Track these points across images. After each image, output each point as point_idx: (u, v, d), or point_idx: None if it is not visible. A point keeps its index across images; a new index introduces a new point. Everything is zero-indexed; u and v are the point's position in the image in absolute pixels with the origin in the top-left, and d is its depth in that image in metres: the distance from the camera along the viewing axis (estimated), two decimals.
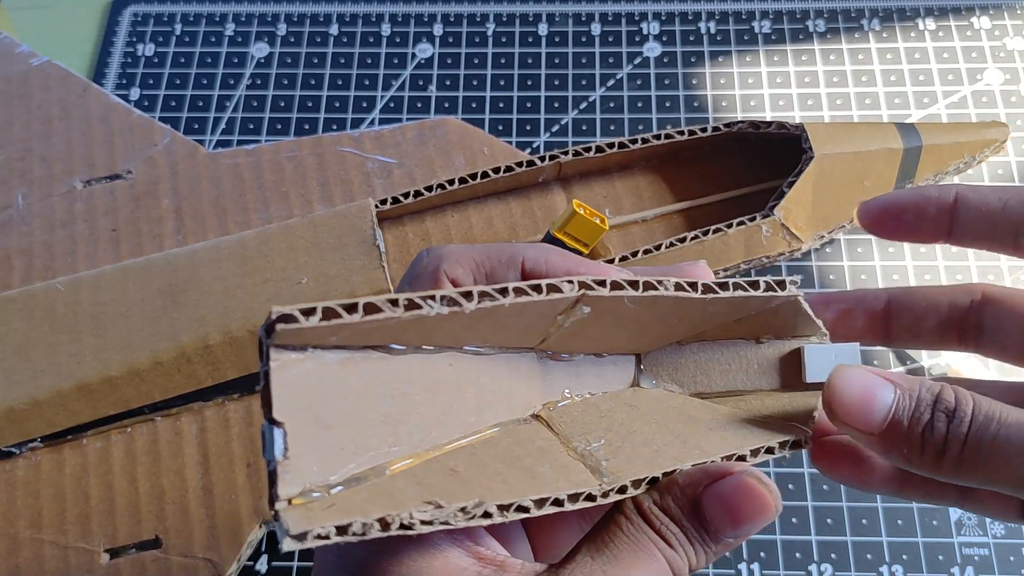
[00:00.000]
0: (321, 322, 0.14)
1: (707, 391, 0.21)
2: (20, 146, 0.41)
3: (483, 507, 0.15)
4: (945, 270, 0.38)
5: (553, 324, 0.18)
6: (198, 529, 0.32)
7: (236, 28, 0.46)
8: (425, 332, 0.16)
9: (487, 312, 0.16)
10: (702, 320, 0.20)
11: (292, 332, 0.14)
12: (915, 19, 0.45)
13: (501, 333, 0.18)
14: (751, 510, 0.17)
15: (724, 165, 0.38)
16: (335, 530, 0.14)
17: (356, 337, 0.16)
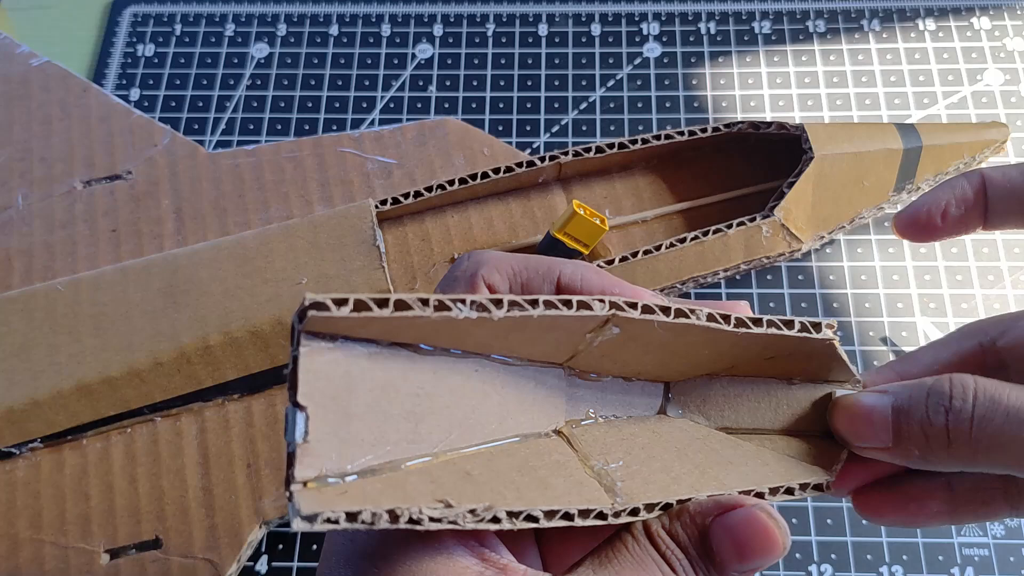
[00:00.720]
0: (352, 313, 0.15)
1: (734, 427, 0.21)
2: (20, 146, 0.41)
3: (493, 511, 0.15)
4: (945, 270, 0.38)
5: (582, 342, 0.18)
6: (198, 529, 0.32)
7: (236, 28, 0.46)
8: (455, 336, 0.17)
9: (516, 323, 0.16)
10: (733, 354, 0.20)
11: (323, 320, 0.15)
12: (915, 19, 0.45)
13: (530, 346, 0.18)
14: (758, 545, 0.16)
15: (724, 166, 0.38)
16: (345, 516, 0.14)
17: (386, 333, 0.16)
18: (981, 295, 0.38)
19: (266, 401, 0.34)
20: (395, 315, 0.15)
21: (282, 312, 0.33)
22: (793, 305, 0.38)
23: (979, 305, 0.38)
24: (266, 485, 0.33)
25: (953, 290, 0.38)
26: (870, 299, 0.38)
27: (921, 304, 0.38)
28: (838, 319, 0.38)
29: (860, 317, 0.38)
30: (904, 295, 0.38)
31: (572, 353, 0.19)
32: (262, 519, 0.33)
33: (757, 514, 0.17)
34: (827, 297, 0.38)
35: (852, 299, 0.38)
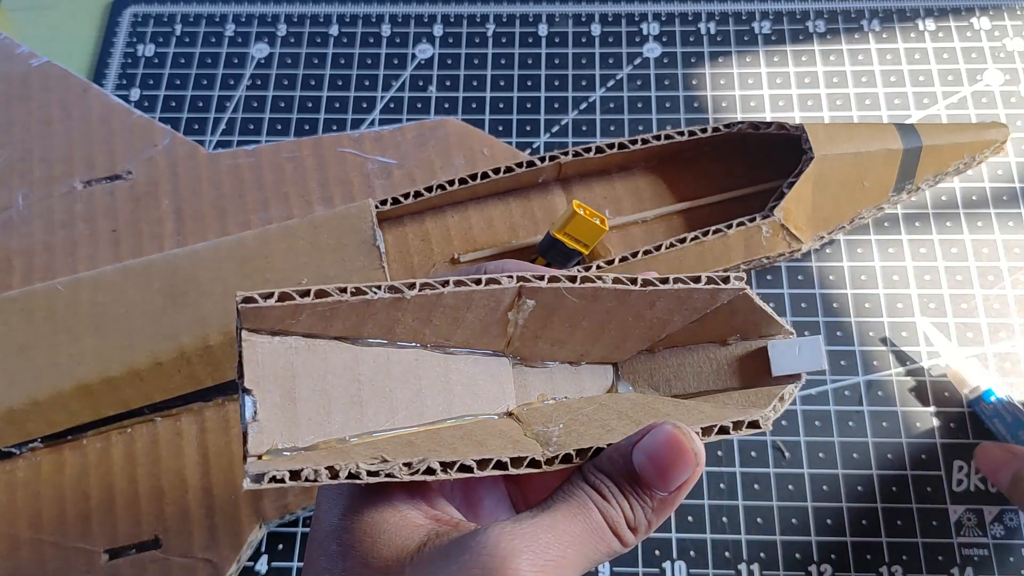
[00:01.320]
0: (277, 303, 0.16)
1: (682, 393, 0.22)
2: (20, 147, 0.41)
3: (427, 463, 0.16)
4: (945, 270, 0.38)
5: (508, 322, 0.19)
6: (198, 530, 0.32)
7: (236, 29, 0.46)
8: (383, 325, 0.18)
9: (432, 302, 0.18)
10: (661, 322, 0.21)
11: (255, 313, 0.17)
12: (915, 20, 0.45)
13: (460, 329, 0.19)
14: (673, 458, 0.17)
15: (724, 166, 0.38)
16: (289, 474, 0.16)
17: (320, 325, 0.17)
18: (981, 295, 0.38)
19: None
20: (317, 302, 0.17)
21: None
22: (793, 305, 0.38)
23: (979, 305, 0.38)
24: None
25: (953, 290, 0.38)
26: (870, 299, 0.38)
27: (921, 304, 0.38)
28: (838, 319, 0.38)
29: (860, 317, 0.38)
30: (904, 295, 0.38)
31: (506, 337, 0.20)
32: (262, 519, 0.33)
33: (668, 429, 0.18)
34: (827, 297, 0.38)
35: (852, 299, 0.38)
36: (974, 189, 0.40)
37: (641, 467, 0.17)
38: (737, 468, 0.35)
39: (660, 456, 0.17)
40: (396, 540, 0.17)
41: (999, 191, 0.40)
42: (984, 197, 0.40)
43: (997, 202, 0.40)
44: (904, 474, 0.35)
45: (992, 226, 0.39)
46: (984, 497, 0.34)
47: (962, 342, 0.37)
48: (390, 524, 0.18)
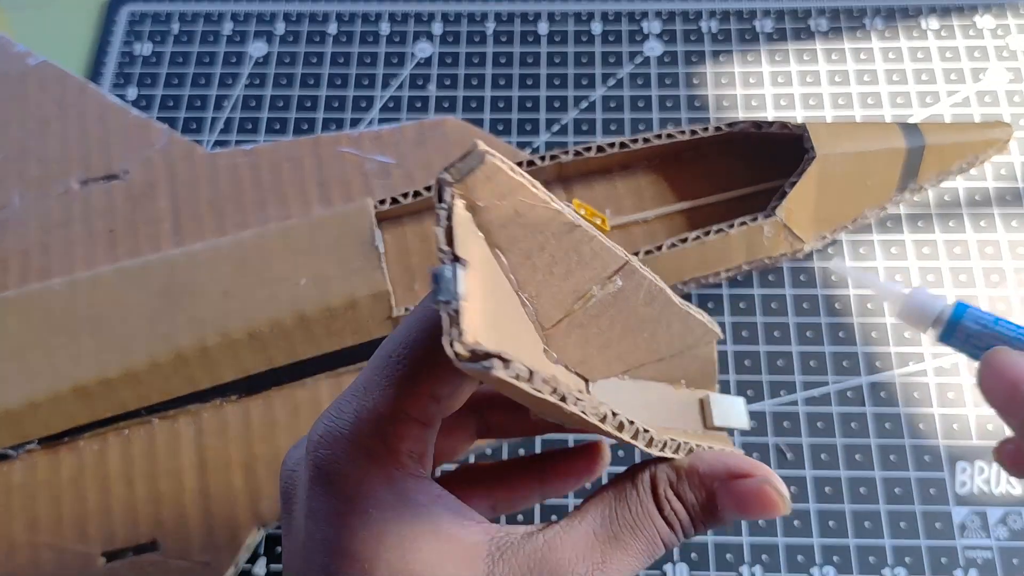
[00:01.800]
0: (510, 171, 0.15)
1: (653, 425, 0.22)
2: (17, 146, 0.41)
3: (605, 409, 0.15)
4: (949, 271, 0.38)
5: (584, 298, 0.18)
6: (196, 532, 0.32)
7: (234, 27, 0.46)
8: (525, 254, 0.16)
9: (578, 245, 0.16)
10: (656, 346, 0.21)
11: (485, 177, 0.14)
12: (918, 18, 0.44)
13: (554, 288, 0.18)
14: (761, 512, 0.18)
15: (726, 165, 0.38)
16: (527, 372, 0.13)
17: (499, 224, 0.15)
18: (985, 296, 0.38)
19: (264, 403, 0.34)
20: (534, 190, 0.15)
21: (280, 313, 0.33)
22: (796, 305, 0.38)
23: (983, 306, 0.37)
24: (264, 487, 0.33)
25: (957, 290, 0.38)
26: (873, 300, 0.38)
27: None
28: (840, 319, 0.38)
29: (862, 318, 0.37)
30: None
31: (566, 313, 0.19)
32: (260, 522, 0.33)
33: (767, 489, 0.18)
34: (829, 297, 0.38)
35: (854, 300, 0.38)
36: (978, 189, 0.40)
37: (726, 506, 0.18)
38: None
39: (749, 507, 0.18)
40: (461, 569, 0.16)
41: (1003, 190, 0.40)
42: (987, 197, 0.40)
43: (1001, 202, 0.40)
44: (907, 476, 0.34)
45: (996, 226, 0.39)
46: (988, 499, 0.34)
47: None
48: (449, 548, 0.16)
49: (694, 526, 0.18)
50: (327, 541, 0.16)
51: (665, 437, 0.18)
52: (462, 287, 0.13)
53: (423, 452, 0.17)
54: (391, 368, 0.17)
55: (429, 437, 0.17)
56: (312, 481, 0.17)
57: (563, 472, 0.24)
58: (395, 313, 0.33)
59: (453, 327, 0.13)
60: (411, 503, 0.16)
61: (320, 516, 0.17)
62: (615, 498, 0.18)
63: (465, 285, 0.13)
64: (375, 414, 0.16)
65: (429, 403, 0.17)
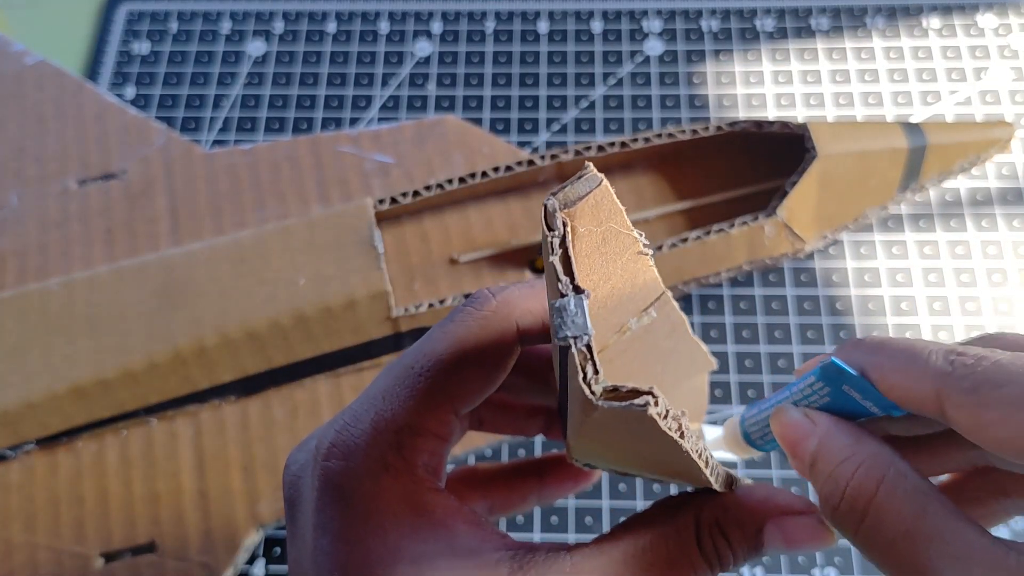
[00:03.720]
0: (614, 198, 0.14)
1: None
2: (14, 146, 0.41)
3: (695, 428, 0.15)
4: (952, 271, 0.38)
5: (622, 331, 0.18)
6: (194, 533, 0.32)
7: (232, 26, 0.46)
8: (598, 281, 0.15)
9: (637, 273, 0.16)
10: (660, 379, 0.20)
11: (596, 203, 0.13)
12: (920, 16, 0.44)
13: (609, 318, 0.17)
14: (811, 546, 0.17)
15: (727, 164, 0.38)
16: (666, 409, 0.12)
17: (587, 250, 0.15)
18: (988, 296, 0.37)
19: (262, 404, 0.34)
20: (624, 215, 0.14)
21: (279, 313, 0.33)
22: (797, 306, 0.38)
23: (985, 306, 0.37)
24: (262, 488, 0.33)
25: (959, 290, 0.38)
26: (874, 300, 0.38)
27: (927, 304, 0.37)
28: (842, 320, 0.37)
29: (864, 318, 0.37)
30: (908, 296, 0.38)
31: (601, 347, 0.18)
32: (258, 523, 0.32)
33: (820, 528, 0.17)
34: (831, 298, 0.38)
35: (856, 300, 0.38)
36: (979, 188, 0.40)
37: (772, 542, 0.17)
38: (740, 470, 0.35)
39: (800, 545, 0.17)
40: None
41: (1005, 190, 0.40)
42: (989, 196, 0.40)
43: (1003, 201, 0.39)
44: None
45: (998, 225, 0.39)
46: None
47: None
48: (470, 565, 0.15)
49: (734, 561, 0.17)
50: (339, 557, 0.16)
51: (722, 470, 0.17)
52: (589, 320, 0.12)
53: (439, 465, 0.17)
54: (413, 380, 0.16)
55: (446, 451, 0.17)
56: (322, 492, 0.16)
57: (561, 476, 0.23)
58: (394, 313, 0.33)
59: (588, 364, 0.12)
60: (427, 518, 0.16)
61: (332, 530, 0.16)
62: (651, 529, 0.17)
63: (586, 319, 0.12)
64: (394, 425, 0.16)
65: (451, 419, 0.16)
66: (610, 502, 0.34)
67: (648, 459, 0.16)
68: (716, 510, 0.17)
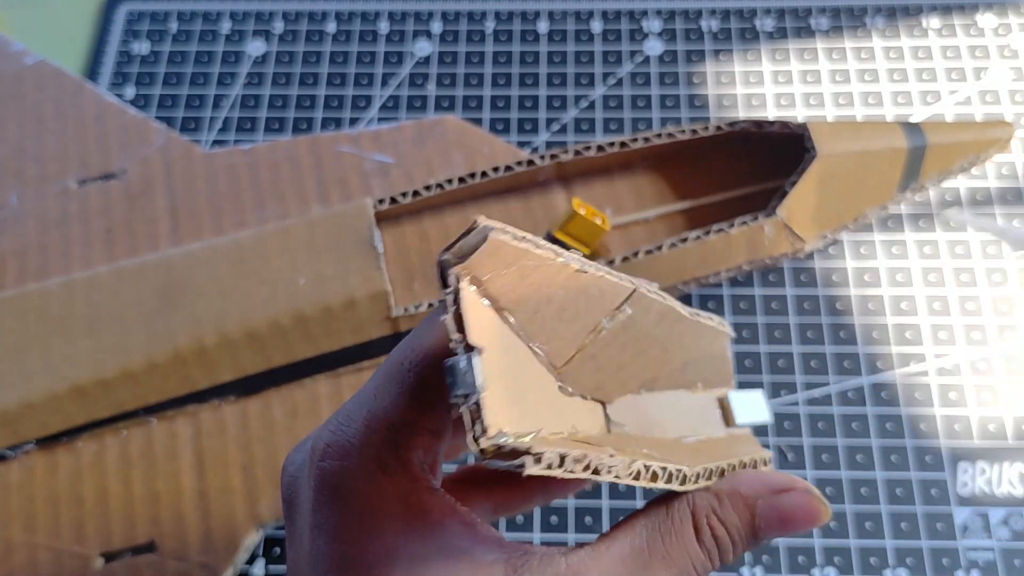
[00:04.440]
0: (514, 242, 0.14)
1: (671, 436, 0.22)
2: (14, 146, 0.41)
3: (637, 465, 0.15)
4: (951, 270, 0.38)
5: (596, 331, 0.18)
6: (193, 533, 0.32)
7: (232, 26, 0.46)
8: (533, 310, 0.16)
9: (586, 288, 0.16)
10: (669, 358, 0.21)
11: (491, 253, 0.13)
12: (919, 16, 0.44)
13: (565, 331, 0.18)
14: (805, 523, 0.17)
15: (726, 164, 0.38)
16: (559, 459, 0.13)
17: (505, 289, 0.15)
18: (987, 295, 0.37)
19: (262, 404, 0.34)
20: (537, 252, 0.14)
21: (279, 313, 0.33)
22: (797, 305, 0.38)
23: (985, 306, 0.37)
24: (262, 488, 0.33)
25: (959, 290, 0.38)
26: (874, 300, 0.38)
27: (926, 304, 0.37)
28: (842, 319, 0.37)
29: (864, 318, 0.37)
30: (908, 295, 0.38)
31: (577, 349, 0.19)
32: (258, 522, 0.32)
33: (812, 500, 0.18)
34: (831, 297, 0.38)
35: (856, 300, 0.38)
36: (979, 188, 0.40)
37: (768, 523, 0.17)
38: None
39: (796, 521, 0.17)
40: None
41: (1004, 190, 0.40)
42: (989, 196, 0.40)
43: (1003, 201, 0.39)
44: (908, 476, 0.34)
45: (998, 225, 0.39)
46: (990, 500, 0.34)
47: (968, 343, 0.37)
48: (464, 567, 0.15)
49: (733, 550, 0.17)
50: (335, 558, 0.16)
51: (699, 468, 0.17)
52: (480, 378, 0.13)
53: (434, 462, 0.17)
54: (403, 376, 0.16)
55: (440, 448, 0.17)
56: (318, 492, 0.16)
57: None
58: (394, 313, 0.33)
59: (476, 424, 0.12)
60: (423, 518, 0.16)
61: (328, 531, 0.16)
62: (648, 526, 0.17)
63: (483, 374, 0.13)
64: (387, 423, 0.16)
65: (443, 414, 0.16)
66: (610, 502, 0.34)
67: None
68: (710, 500, 0.17)
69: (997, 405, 0.35)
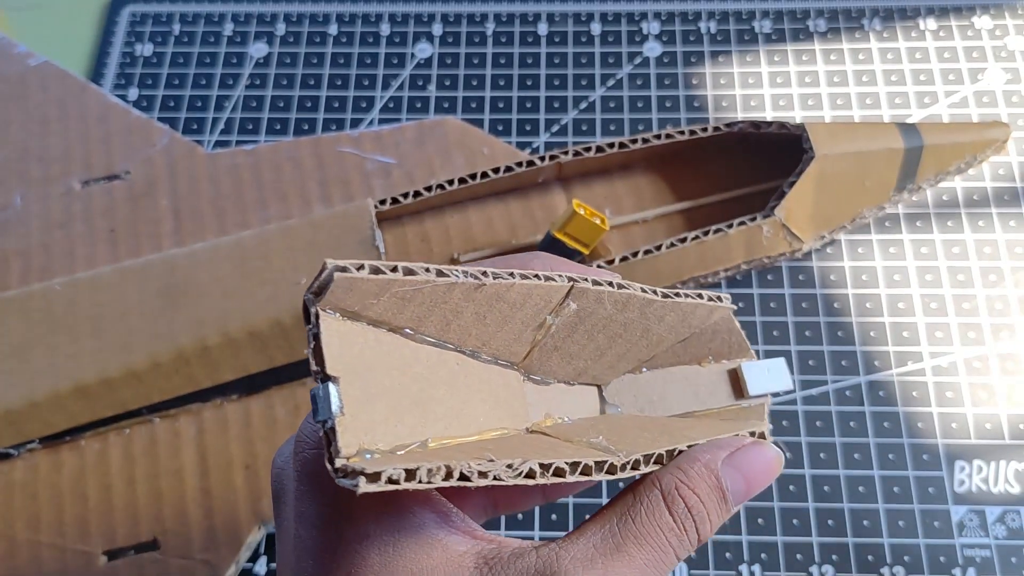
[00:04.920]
0: (371, 275, 0.15)
1: (666, 415, 0.22)
2: (18, 147, 0.41)
3: (528, 464, 0.15)
4: (947, 270, 0.38)
5: (543, 327, 0.19)
6: (196, 531, 0.32)
7: (235, 28, 0.46)
8: (445, 319, 0.17)
9: (500, 294, 0.17)
10: (658, 338, 0.21)
11: (344, 286, 0.14)
12: (916, 18, 0.45)
13: (502, 332, 0.18)
14: (765, 477, 0.18)
15: (725, 165, 0.38)
16: (404, 473, 0.14)
17: (392, 311, 0.16)
18: (983, 295, 0.38)
19: (264, 402, 0.34)
20: (405, 278, 0.15)
21: (280, 313, 0.33)
22: (794, 305, 0.38)
23: (981, 305, 0.37)
24: (264, 486, 0.33)
25: (955, 290, 0.38)
26: (871, 299, 0.38)
27: (923, 304, 0.38)
28: (839, 319, 0.38)
29: (861, 317, 0.38)
30: (905, 295, 0.38)
31: (531, 345, 0.19)
32: (261, 520, 0.33)
33: (761, 448, 0.18)
34: (828, 297, 0.38)
35: (853, 299, 0.38)
36: (975, 188, 0.40)
37: (734, 483, 0.17)
38: None
39: (756, 474, 0.18)
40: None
41: (1001, 190, 0.40)
42: (985, 196, 0.40)
43: (999, 201, 0.40)
44: (906, 474, 0.35)
45: (994, 225, 0.39)
46: (986, 498, 0.34)
47: (964, 342, 0.37)
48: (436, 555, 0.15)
49: (709, 520, 0.17)
50: (315, 545, 0.16)
51: (638, 455, 0.17)
52: (335, 405, 0.14)
53: None
54: None
55: None
56: (299, 482, 0.17)
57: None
58: None
59: (331, 446, 0.14)
60: (396, 506, 0.16)
61: (308, 519, 0.16)
62: (618, 512, 0.17)
63: (338, 401, 0.14)
64: None
65: None
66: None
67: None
68: (675, 473, 0.17)
69: (993, 404, 0.36)
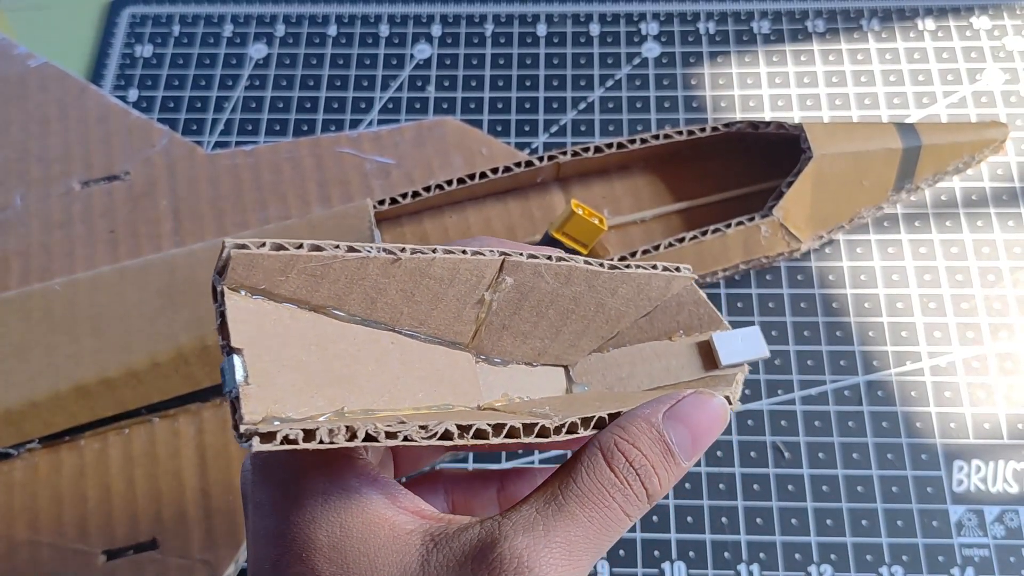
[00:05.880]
0: (271, 251, 0.15)
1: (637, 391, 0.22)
2: (18, 147, 0.41)
3: (444, 426, 0.15)
4: (945, 270, 0.38)
5: (483, 305, 0.19)
6: (195, 531, 0.32)
7: (234, 29, 0.46)
8: (368, 296, 0.17)
9: (421, 269, 0.17)
10: (616, 313, 0.21)
11: (245, 262, 0.15)
12: (914, 19, 0.45)
13: (437, 311, 0.18)
14: (709, 424, 0.17)
15: (723, 165, 0.38)
16: (303, 434, 0.14)
17: (306, 289, 0.16)
18: (981, 295, 0.38)
19: None
20: (311, 254, 0.15)
21: None
22: (793, 305, 0.38)
23: (979, 305, 0.38)
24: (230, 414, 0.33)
25: (953, 290, 0.38)
26: (870, 299, 0.38)
27: (921, 304, 0.38)
28: (838, 319, 0.38)
29: (860, 317, 0.38)
30: (904, 295, 0.38)
31: (475, 325, 0.19)
32: None
33: (702, 397, 0.17)
34: (827, 297, 0.38)
35: (852, 299, 0.38)
36: (974, 188, 0.40)
37: (678, 436, 0.17)
38: (737, 468, 0.35)
39: (699, 423, 0.17)
40: (395, 556, 0.15)
41: (999, 190, 0.40)
42: (984, 196, 0.40)
43: (997, 201, 0.40)
44: (904, 474, 0.35)
45: (992, 225, 0.39)
46: (985, 497, 0.34)
47: (962, 342, 0.37)
48: (383, 534, 0.16)
49: (656, 475, 0.17)
50: (269, 531, 0.16)
51: (575, 418, 0.17)
52: (239, 375, 0.15)
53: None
54: None
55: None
56: (254, 473, 0.17)
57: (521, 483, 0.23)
58: None
59: (235, 414, 0.14)
60: (343, 486, 0.16)
61: (262, 508, 0.17)
62: (560, 477, 0.17)
63: (242, 371, 0.15)
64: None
65: None
66: None
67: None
68: (614, 430, 0.17)
69: (992, 403, 0.36)
